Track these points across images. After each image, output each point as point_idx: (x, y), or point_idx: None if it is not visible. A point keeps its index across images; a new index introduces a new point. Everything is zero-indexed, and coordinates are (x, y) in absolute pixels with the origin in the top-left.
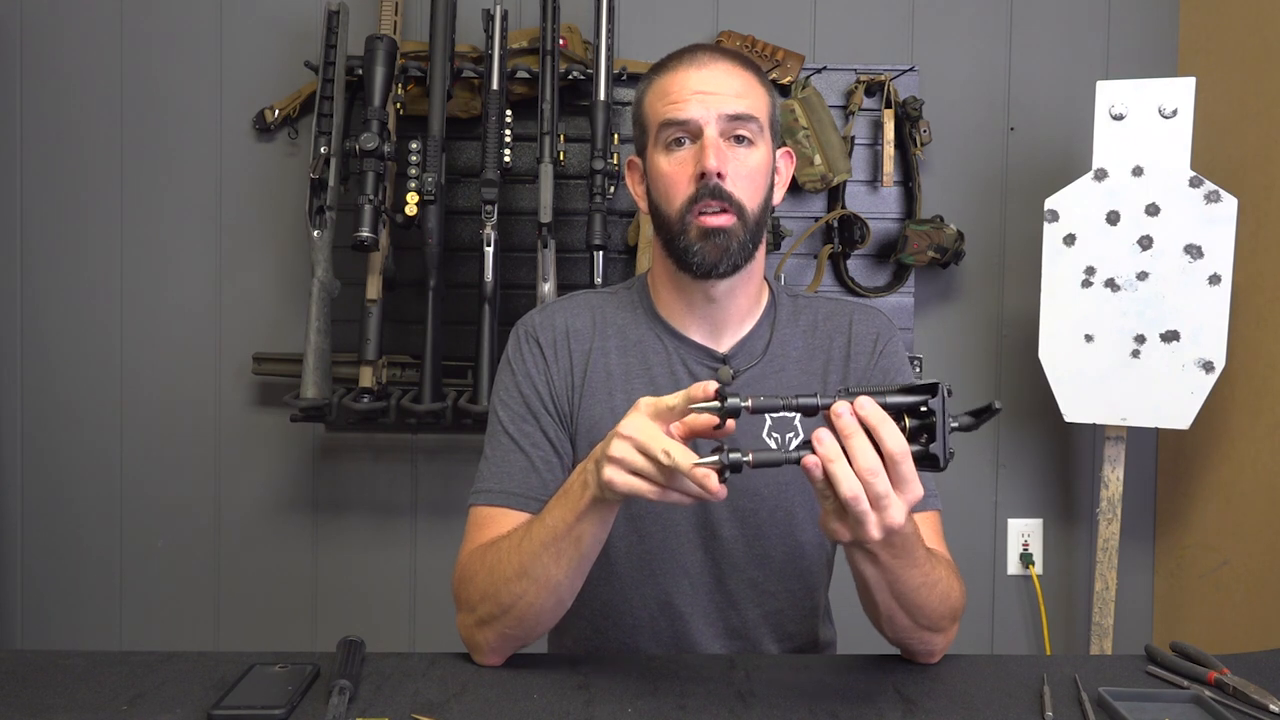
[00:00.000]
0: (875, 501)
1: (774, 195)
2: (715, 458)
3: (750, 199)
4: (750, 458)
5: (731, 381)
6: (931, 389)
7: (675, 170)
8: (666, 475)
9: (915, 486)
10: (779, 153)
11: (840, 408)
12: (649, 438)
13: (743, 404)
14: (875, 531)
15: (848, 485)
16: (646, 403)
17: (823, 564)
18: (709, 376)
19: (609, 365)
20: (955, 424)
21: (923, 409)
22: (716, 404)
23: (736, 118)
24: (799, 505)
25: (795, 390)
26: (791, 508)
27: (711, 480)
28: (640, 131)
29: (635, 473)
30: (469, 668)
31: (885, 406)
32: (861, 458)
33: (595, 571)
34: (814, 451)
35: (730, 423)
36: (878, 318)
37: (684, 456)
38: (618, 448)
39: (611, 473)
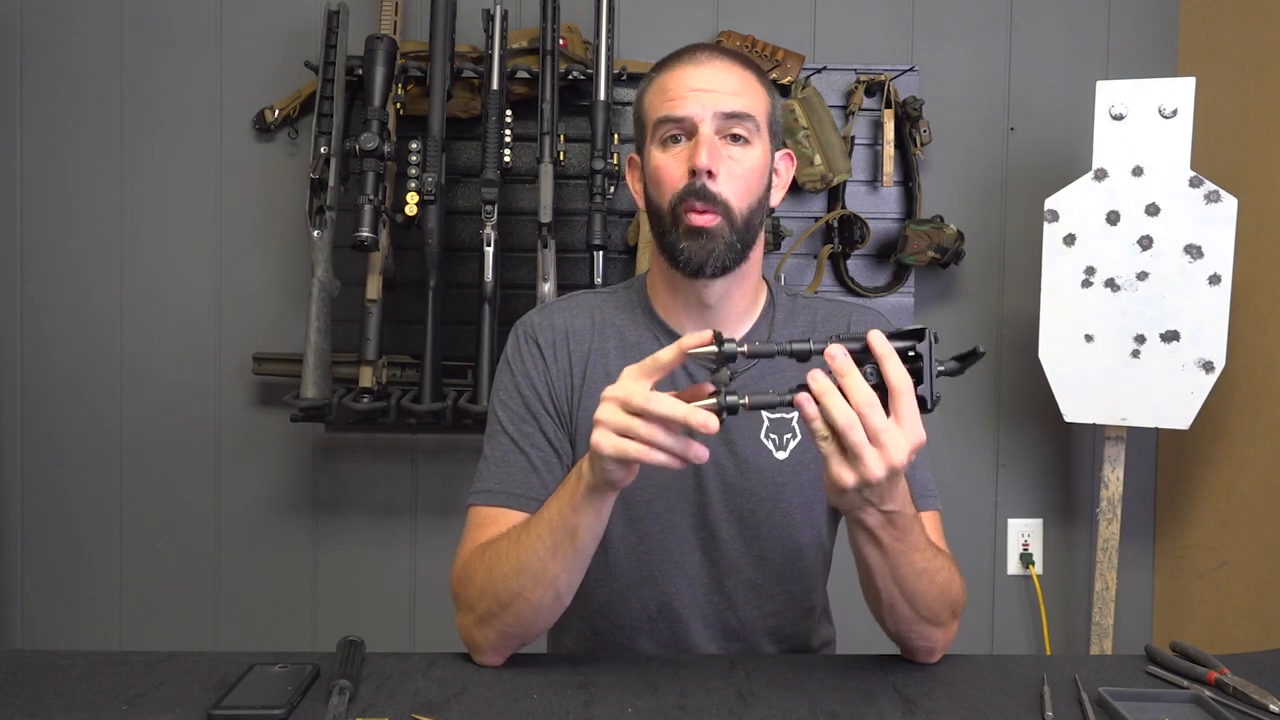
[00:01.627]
0: (874, 437)
1: (772, 196)
2: (712, 400)
3: (739, 199)
4: (746, 400)
5: (729, 383)
6: (918, 334)
7: (669, 165)
8: (652, 430)
9: (918, 427)
10: (779, 154)
11: (834, 349)
12: (631, 392)
13: (739, 349)
14: (877, 469)
15: (841, 414)
16: (631, 368)
17: (820, 564)
18: (706, 378)
19: (608, 366)
20: (941, 368)
21: (910, 353)
22: (713, 349)
23: (732, 115)
24: (796, 507)
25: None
26: (789, 509)
27: (712, 421)
28: (639, 129)
29: (622, 434)
30: (469, 668)
31: None
32: (857, 393)
33: (594, 572)
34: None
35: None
36: (876, 318)
37: (671, 405)
38: (603, 410)
39: (598, 435)
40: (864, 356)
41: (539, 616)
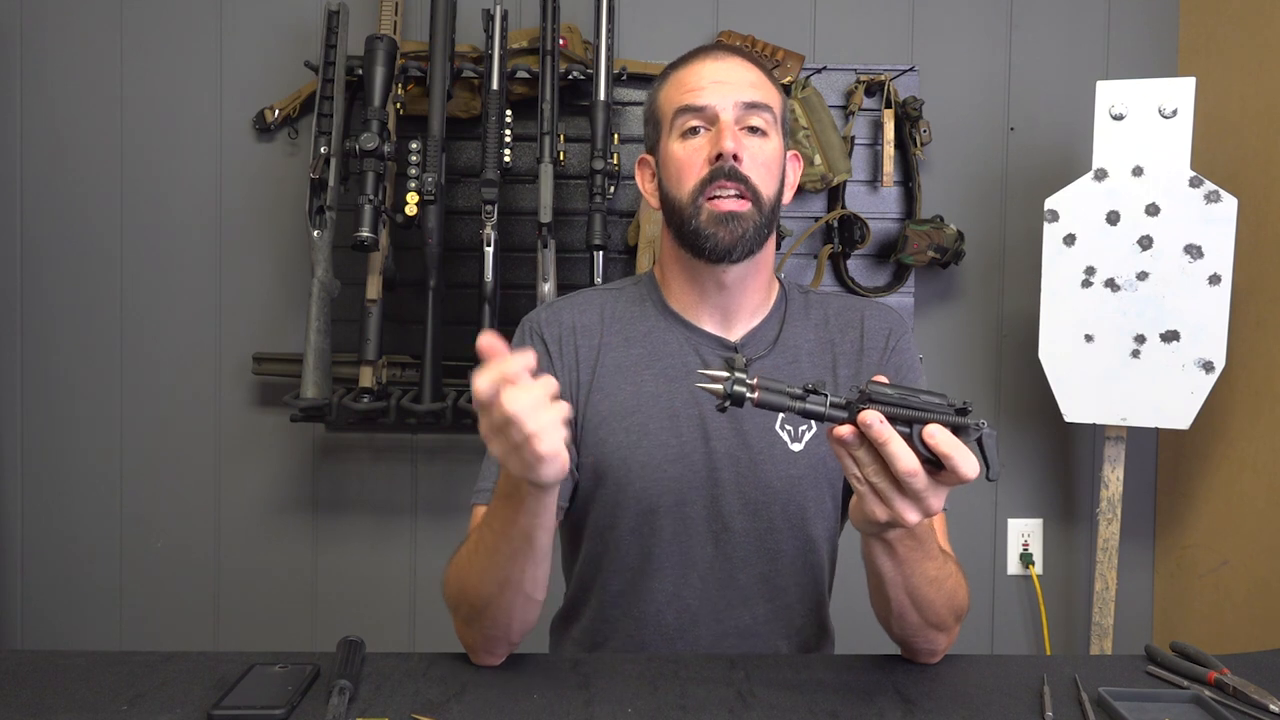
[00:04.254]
0: (915, 495)
1: (784, 195)
2: (724, 374)
3: (765, 185)
4: (757, 395)
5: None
6: (962, 413)
7: (689, 155)
8: (517, 429)
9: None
10: (788, 154)
11: (870, 417)
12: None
13: (749, 395)
14: (914, 516)
15: (906, 461)
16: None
17: (829, 558)
18: (721, 365)
19: (618, 359)
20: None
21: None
22: (719, 386)
23: (752, 105)
24: (810, 500)
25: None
26: (804, 502)
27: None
28: (653, 126)
29: (511, 443)
30: (469, 668)
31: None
32: (902, 461)
33: (607, 563)
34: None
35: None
36: (890, 314)
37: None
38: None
39: (511, 463)
40: (890, 413)
41: (514, 618)
